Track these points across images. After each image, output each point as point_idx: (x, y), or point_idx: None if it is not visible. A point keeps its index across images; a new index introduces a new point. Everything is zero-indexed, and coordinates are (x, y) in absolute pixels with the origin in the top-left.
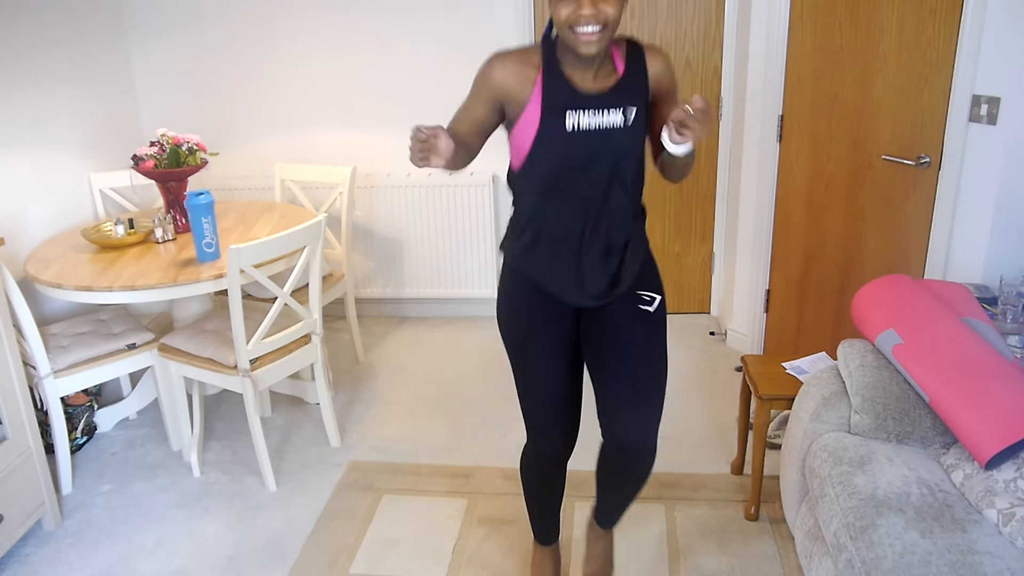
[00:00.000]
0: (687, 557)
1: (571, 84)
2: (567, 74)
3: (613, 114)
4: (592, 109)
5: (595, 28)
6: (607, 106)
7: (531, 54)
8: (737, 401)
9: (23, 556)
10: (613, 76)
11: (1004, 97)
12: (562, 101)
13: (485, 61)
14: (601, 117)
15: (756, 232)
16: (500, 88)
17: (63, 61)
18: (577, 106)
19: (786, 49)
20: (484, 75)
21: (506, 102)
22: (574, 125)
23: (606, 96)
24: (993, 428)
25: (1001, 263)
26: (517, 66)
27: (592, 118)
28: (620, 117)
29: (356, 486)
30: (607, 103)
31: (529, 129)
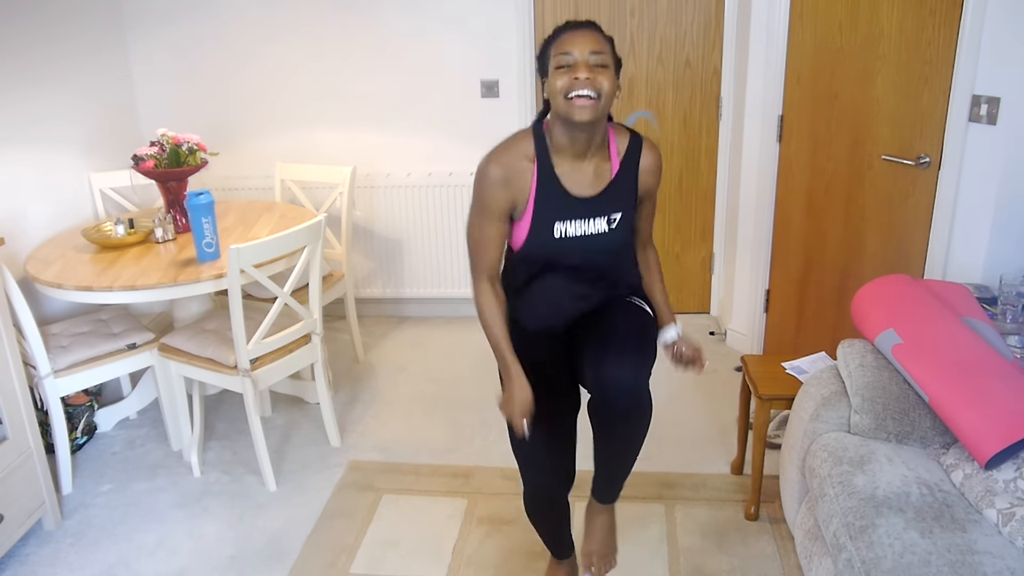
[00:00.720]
0: (687, 557)
1: (562, 189)
2: (560, 173)
3: (598, 222)
4: (580, 219)
5: (590, 93)
6: (593, 215)
7: (522, 147)
8: (737, 401)
9: (23, 556)
10: (606, 174)
11: (1004, 97)
12: (552, 212)
13: (480, 172)
14: (587, 226)
15: (756, 232)
16: (506, 201)
17: (63, 61)
18: (565, 216)
19: (786, 49)
20: (487, 192)
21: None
22: (562, 233)
23: (594, 203)
24: (993, 428)
25: (1001, 263)
26: (513, 172)
27: (579, 227)
28: (604, 224)
29: (356, 486)
30: (594, 211)
31: (522, 230)
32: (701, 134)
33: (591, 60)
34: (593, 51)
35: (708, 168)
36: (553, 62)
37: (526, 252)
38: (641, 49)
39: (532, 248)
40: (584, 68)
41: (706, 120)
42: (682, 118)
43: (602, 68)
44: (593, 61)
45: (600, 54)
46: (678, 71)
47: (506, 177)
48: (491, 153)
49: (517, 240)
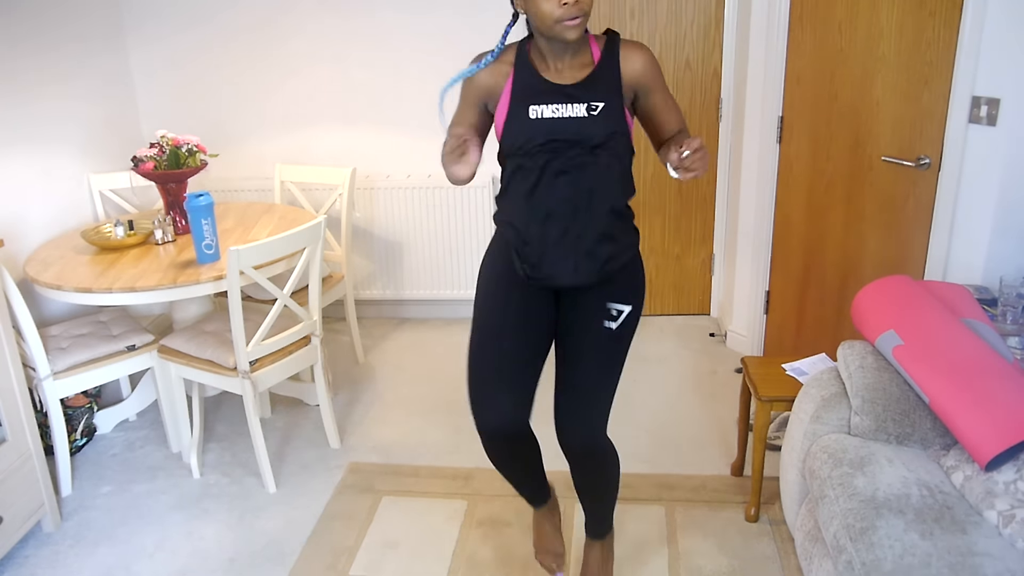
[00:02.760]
0: (687, 559)
1: (539, 75)
2: (538, 66)
3: (576, 107)
4: (555, 103)
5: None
6: (570, 100)
7: (506, 53)
8: (737, 402)
9: (23, 558)
10: (587, 68)
11: (1004, 98)
12: (528, 94)
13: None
14: (563, 109)
15: (756, 233)
16: (480, 87)
17: (63, 62)
18: (540, 99)
19: (786, 50)
20: (465, 87)
21: (487, 99)
22: (538, 114)
23: (571, 89)
24: (993, 430)
25: (1001, 264)
26: (493, 65)
27: (555, 110)
28: (583, 109)
29: (356, 488)
30: (570, 97)
31: (501, 117)
32: (701, 135)
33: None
34: None
35: (708, 169)
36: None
37: (506, 140)
38: None
39: (510, 134)
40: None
41: (706, 121)
42: None
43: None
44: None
45: None
46: (678, 72)
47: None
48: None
49: (498, 129)
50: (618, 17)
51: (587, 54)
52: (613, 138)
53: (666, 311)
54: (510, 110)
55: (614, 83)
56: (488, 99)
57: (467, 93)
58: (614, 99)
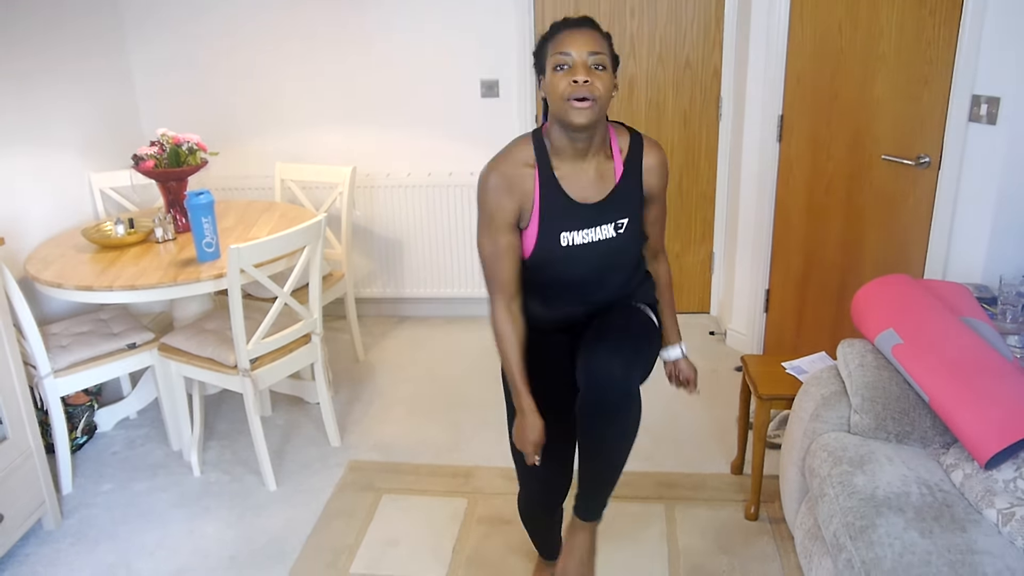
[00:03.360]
0: (687, 557)
1: (566, 196)
2: (561, 178)
3: (606, 228)
4: (586, 228)
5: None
6: (600, 222)
7: (521, 154)
8: (737, 401)
9: (23, 556)
10: (610, 177)
11: (1004, 97)
12: (557, 221)
13: (482, 184)
14: (594, 233)
15: (756, 232)
16: (512, 212)
17: (63, 61)
18: (571, 225)
19: (786, 49)
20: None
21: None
22: (569, 242)
23: (600, 208)
24: (993, 428)
25: (1001, 263)
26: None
27: (586, 235)
28: (611, 230)
29: (356, 486)
30: (600, 218)
31: (530, 239)
32: (701, 134)
33: (589, 61)
34: (592, 52)
35: (708, 168)
36: (550, 62)
37: (534, 261)
38: (641, 49)
39: (540, 257)
40: (583, 70)
41: (706, 120)
42: (682, 118)
43: (600, 69)
44: (592, 62)
45: (598, 54)
46: (678, 71)
47: (508, 184)
48: (490, 162)
49: (525, 249)
50: (618, 17)
51: (608, 159)
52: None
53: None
54: (540, 236)
55: (638, 194)
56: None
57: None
58: (637, 211)
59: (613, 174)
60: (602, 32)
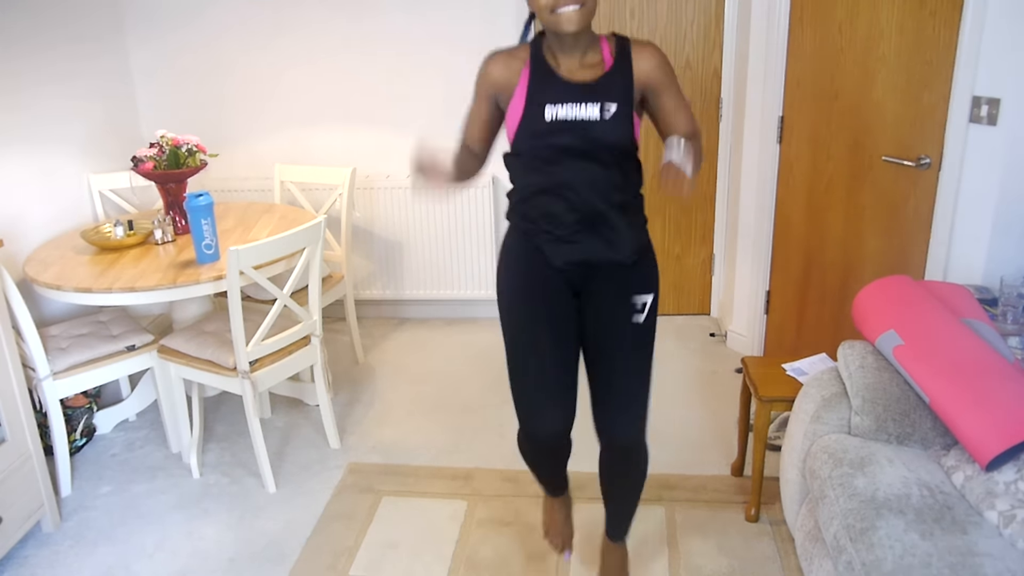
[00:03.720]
0: (687, 559)
1: (555, 74)
2: (552, 64)
3: (590, 108)
4: (571, 102)
5: (575, 6)
6: (585, 99)
7: (520, 50)
8: (737, 402)
9: (22, 558)
10: (599, 68)
11: (1004, 98)
12: (543, 94)
13: (482, 62)
14: (578, 110)
15: (756, 233)
16: (493, 83)
17: (62, 62)
18: (556, 99)
19: (786, 50)
20: (480, 75)
21: (500, 95)
22: (553, 116)
23: (586, 88)
24: (994, 430)
25: (1001, 264)
26: (506, 61)
27: (570, 111)
28: (596, 111)
29: (356, 488)
30: (585, 96)
31: (515, 117)
32: (701, 134)
33: None
34: None
35: (708, 169)
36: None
37: (520, 140)
38: None
39: (525, 134)
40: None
41: (706, 121)
42: None
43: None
44: None
45: None
46: (678, 72)
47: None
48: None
49: (511, 128)
50: (618, 17)
51: (598, 54)
52: (620, 141)
53: (666, 311)
54: (525, 110)
55: (627, 85)
56: (500, 94)
57: (481, 87)
58: (626, 101)
59: (603, 64)
60: None
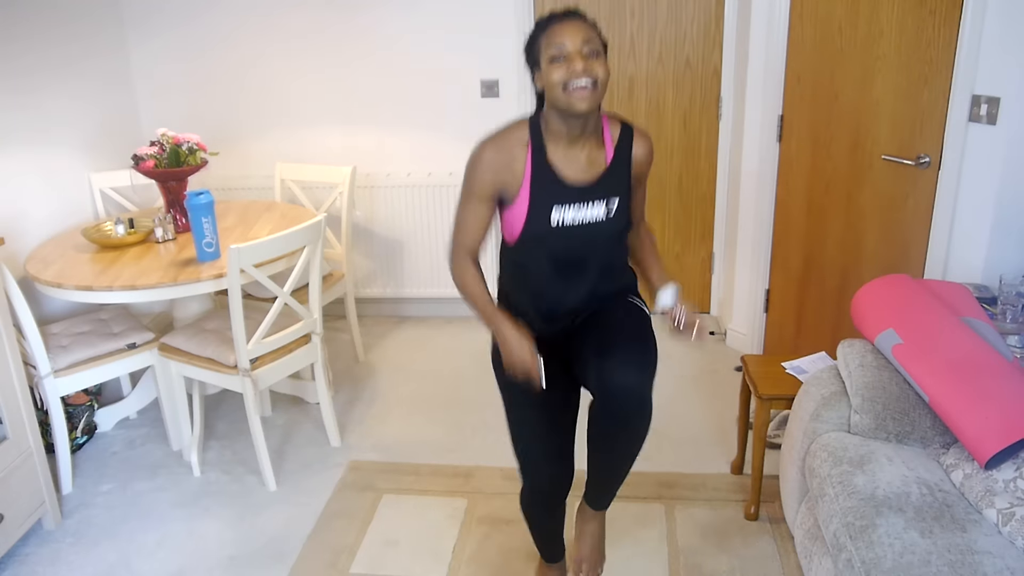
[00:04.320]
0: (687, 557)
1: (557, 176)
2: (554, 161)
3: (596, 207)
4: (577, 204)
5: (587, 83)
6: (591, 199)
7: (517, 134)
8: (737, 401)
9: (23, 555)
10: (600, 162)
11: (1004, 97)
12: (549, 198)
13: (472, 156)
14: (585, 211)
15: (756, 232)
16: (494, 185)
17: (63, 61)
18: (562, 202)
19: (786, 49)
20: (476, 175)
21: (503, 191)
22: (559, 221)
23: (591, 189)
24: (993, 428)
25: (1001, 263)
26: (505, 157)
27: (576, 213)
28: (603, 210)
29: (356, 486)
30: (591, 196)
31: (518, 219)
32: (701, 134)
33: (584, 50)
34: (584, 40)
35: (708, 168)
36: (545, 55)
37: (522, 242)
38: (641, 49)
39: (529, 236)
40: (579, 59)
41: (706, 120)
42: (682, 118)
43: (595, 55)
44: (586, 51)
45: (591, 43)
46: (678, 71)
47: (498, 161)
48: (485, 138)
49: (513, 229)
50: (618, 16)
51: (599, 140)
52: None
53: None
54: (530, 213)
55: (625, 180)
56: (504, 191)
57: (478, 188)
58: (626, 192)
59: (604, 158)
60: (588, 21)
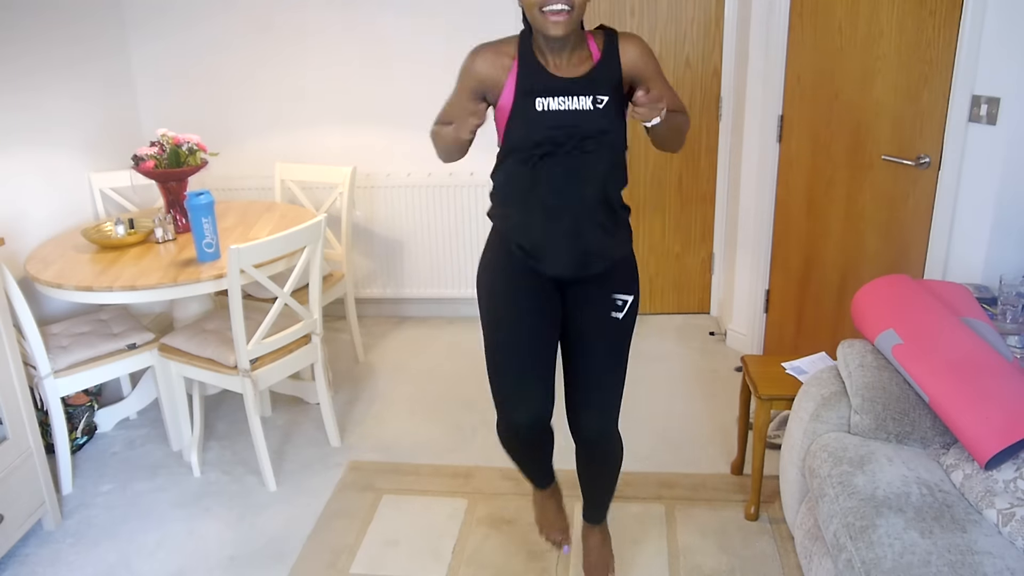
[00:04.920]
0: (687, 557)
1: (544, 69)
2: (541, 60)
3: (582, 100)
4: (562, 96)
5: (562, 6)
6: (577, 92)
7: (508, 44)
8: (737, 401)
9: (23, 556)
10: (588, 63)
11: (1004, 97)
12: (533, 86)
13: (467, 56)
14: (570, 102)
15: (756, 232)
16: (480, 77)
17: (64, 61)
18: (547, 92)
19: (786, 49)
20: (466, 68)
21: (487, 90)
22: (544, 107)
23: (577, 82)
24: (993, 428)
25: (1001, 263)
26: (494, 56)
27: (561, 103)
28: (588, 102)
29: (356, 486)
30: (577, 90)
31: (504, 110)
32: (701, 134)
33: None
34: None
35: (708, 168)
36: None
37: (509, 135)
38: None
39: (515, 127)
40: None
41: (706, 120)
42: None
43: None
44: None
45: None
46: (678, 71)
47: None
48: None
49: (500, 122)
50: (618, 15)
51: (585, 50)
52: (612, 131)
53: (666, 310)
54: (515, 104)
55: (615, 77)
56: (488, 90)
57: (466, 82)
58: (616, 93)
59: (591, 58)
60: None
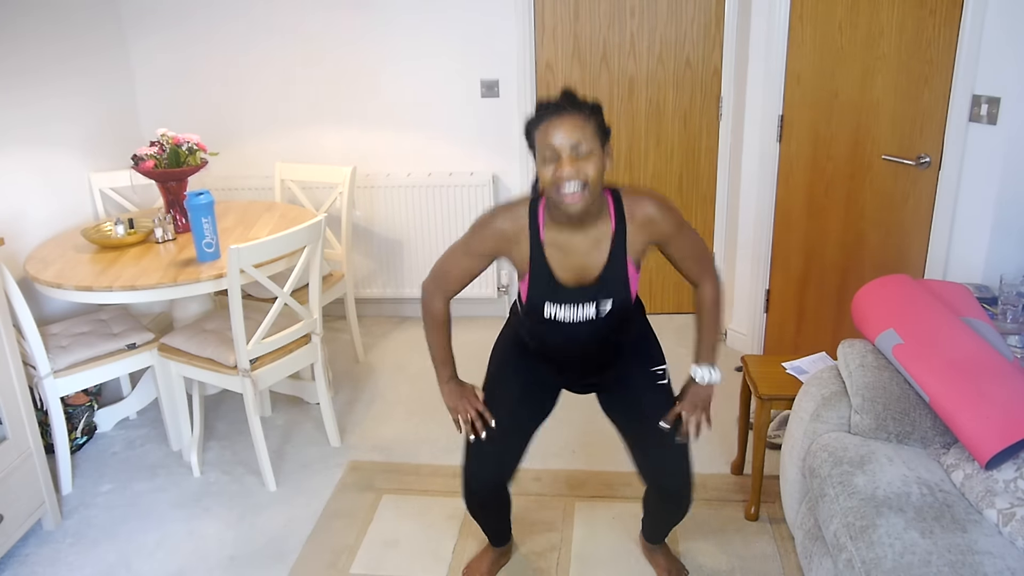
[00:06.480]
0: (687, 557)
1: (552, 275)
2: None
3: (587, 308)
4: (568, 305)
5: (576, 186)
6: (582, 301)
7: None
8: (737, 401)
9: (23, 556)
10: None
11: (1004, 97)
12: (542, 293)
13: (482, 221)
14: (574, 312)
15: (756, 232)
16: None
17: (63, 61)
18: (555, 301)
19: (786, 49)
20: (481, 236)
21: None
22: (551, 315)
23: (582, 291)
24: (993, 428)
25: (1001, 263)
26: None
27: (567, 312)
28: (592, 311)
29: (356, 486)
30: (582, 299)
31: (523, 292)
32: (701, 134)
33: (575, 152)
34: (575, 143)
35: (708, 168)
36: (539, 151)
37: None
38: (641, 49)
39: (528, 314)
40: (569, 162)
41: (706, 120)
42: (682, 118)
43: (588, 155)
44: (577, 152)
45: (582, 144)
46: (678, 71)
47: (506, 234)
48: (500, 205)
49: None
50: (618, 16)
51: (605, 219)
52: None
53: (666, 310)
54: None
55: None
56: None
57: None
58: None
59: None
60: (586, 111)
